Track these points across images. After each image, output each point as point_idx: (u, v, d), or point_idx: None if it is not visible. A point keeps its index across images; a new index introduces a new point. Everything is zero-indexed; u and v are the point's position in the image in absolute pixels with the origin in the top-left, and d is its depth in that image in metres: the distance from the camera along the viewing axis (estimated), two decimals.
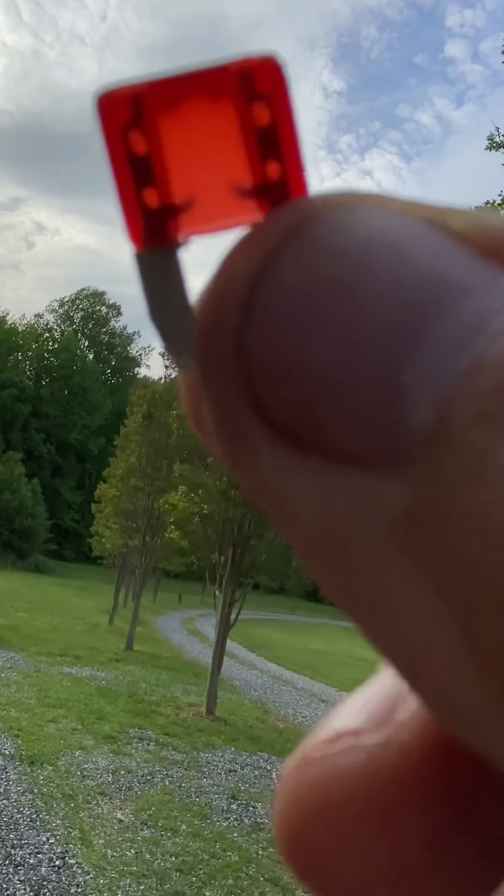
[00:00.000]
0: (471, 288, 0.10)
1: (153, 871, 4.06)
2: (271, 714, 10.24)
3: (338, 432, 0.10)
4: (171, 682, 11.24)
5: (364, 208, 0.11)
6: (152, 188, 0.13)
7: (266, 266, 0.11)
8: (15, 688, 8.37)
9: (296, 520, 0.11)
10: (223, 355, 0.11)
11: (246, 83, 0.12)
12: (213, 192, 0.13)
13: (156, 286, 0.13)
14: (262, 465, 0.11)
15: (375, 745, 0.13)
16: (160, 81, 0.12)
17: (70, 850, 4.14)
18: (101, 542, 20.08)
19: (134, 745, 6.74)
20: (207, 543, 9.71)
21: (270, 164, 0.12)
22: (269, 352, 0.11)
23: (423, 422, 0.10)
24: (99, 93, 0.13)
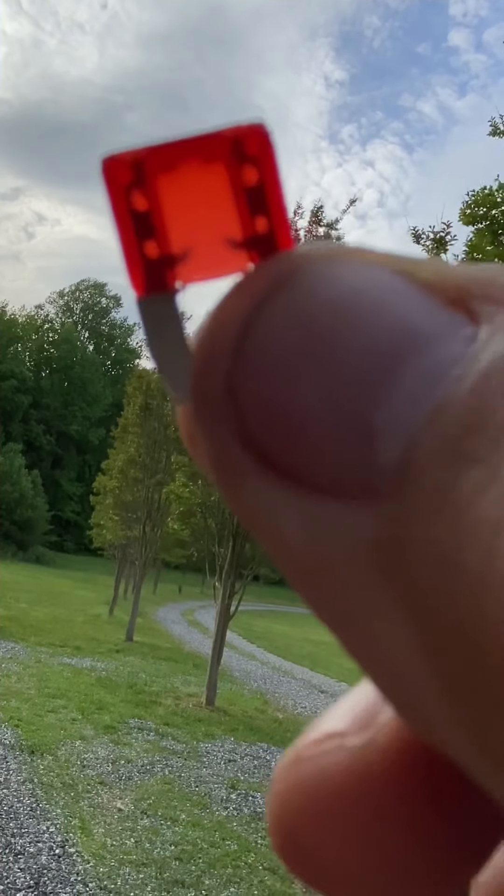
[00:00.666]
0: (436, 336, 0.11)
1: (153, 859, 4.08)
2: (271, 704, 10.29)
3: (318, 466, 0.11)
4: (171, 672, 11.29)
5: (344, 261, 0.12)
6: (153, 241, 0.14)
7: (254, 314, 0.12)
8: (15, 678, 8.40)
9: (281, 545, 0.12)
10: (215, 394, 0.12)
11: (236, 147, 0.14)
12: (207, 244, 0.14)
13: (156, 328, 0.14)
14: (250, 494, 0.12)
15: (357, 745, 0.14)
16: (159, 147, 0.14)
17: (70, 838, 4.16)
18: (101, 534, 20.10)
19: (134, 736, 6.77)
20: (208, 534, 9.71)
21: (259, 219, 0.14)
22: (256, 392, 0.12)
23: (391, 460, 0.11)
24: (104, 157, 0.14)
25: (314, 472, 0.11)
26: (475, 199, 6.69)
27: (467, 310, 0.12)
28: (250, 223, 0.14)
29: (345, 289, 0.12)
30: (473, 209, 6.71)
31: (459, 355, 0.11)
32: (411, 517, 0.11)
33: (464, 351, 0.11)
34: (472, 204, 6.71)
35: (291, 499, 0.11)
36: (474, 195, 6.69)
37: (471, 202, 6.66)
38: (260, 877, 4.15)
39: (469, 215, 6.71)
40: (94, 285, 75.62)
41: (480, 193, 6.68)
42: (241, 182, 0.14)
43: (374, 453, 0.11)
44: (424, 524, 0.10)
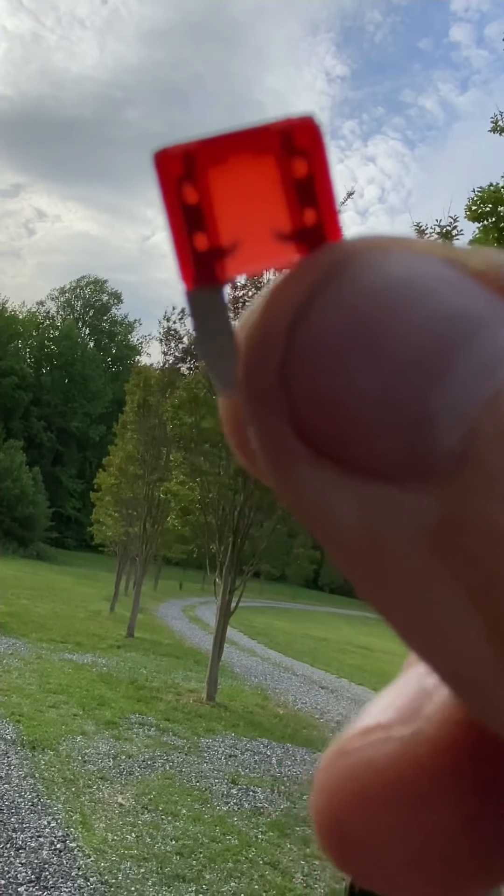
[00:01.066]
0: (490, 323, 0.12)
1: (153, 854, 4.09)
2: (271, 700, 10.30)
3: (375, 453, 0.12)
4: (172, 668, 11.30)
5: (393, 251, 0.13)
6: (202, 233, 0.14)
7: (306, 304, 0.12)
8: (16, 674, 8.41)
9: (338, 533, 0.12)
10: (268, 385, 0.12)
11: (286, 140, 0.14)
12: (256, 237, 0.14)
13: (204, 320, 0.14)
14: (305, 483, 0.12)
15: (405, 737, 0.14)
16: (210, 140, 0.14)
17: (71, 833, 4.17)
18: (101, 531, 20.11)
19: (135, 731, 6.79)
20: (208, 531, 9.72)
21: (308, 211, 0.14)
22: (311, 382, 0.12)
23: (451, 444, 0.11)
24: (155, 150, 0.14)
25: (370, 458, 0.12)
26: (481, 196, 6.67)
27: None
28: (299, 215, 0.14)
29: (396, 278, 0.12)
30: (479, 206, 6.70)
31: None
32: (472, 500, 0.11)
33: None
34: (478, 200, 6.69)
35: (347, 485, 0.12)
36: (481, 192, 6.67)
37: (477, 199, 6.64)
38: (260, 871, 4.16)
39: (475, 212, 6.69)
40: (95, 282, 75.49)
41: (487, 190, 6.66)
42: (290, 174, 0.14)
43: (433, 438, 0.11)
44: (485, 506, 0.11)
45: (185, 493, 9.63)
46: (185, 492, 9.64)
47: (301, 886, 4.08)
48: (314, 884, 4.17)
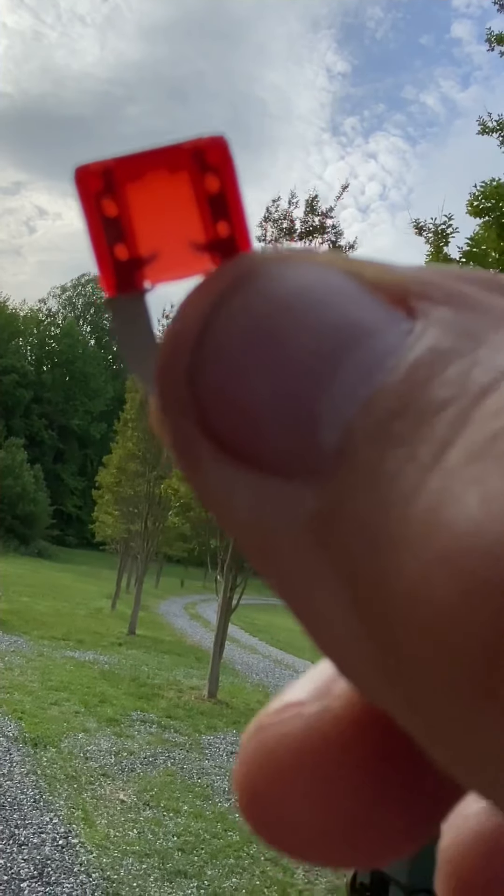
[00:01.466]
0: (375, 330, 0.13)
1: (155, 850, 4.11)
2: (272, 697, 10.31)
3: (267, 449, 0.13)
4: (174, 665, 11.33)
5: (294, 263, 0.14)
6: (122, 244, 0.15)
7: (212, 312, 0.13)
8: (18, 671, 8.44)
9: (234, 522, 0.13)
10: (177, 385, 0.13)
11: (198, 158, 0.15)
12: (173, 247, 0.15)
13: (126, 326, 0.15)
14: (208, 475, 0.13)
15: (314, 713, 0.15)
16: (128, 157, 0.15)
17: (73, 829, 4.19)
18: (102, 528, 20.13)
19: (136, 728, 6.81)
20: (209, 528, 9.73)
21: (220, 223, 0.15)
22: (214, 382, 0.13)
23: (330, 443, 0.12)
24: (76, 167, 0.15)
25: (263, 453, 0.13)
26: (483, 192, 6.66)
27: (407, 307, 0.13)
28: (213, 227, 0.15)
29: (293, 287, 0.13)
30: (481, 201, 6.69)
31: (396, 347, 0.12)
32: (345, 492, 0.12)
33: (400, 343, 0.12)
34: (480, 196, 6.68)
35: (243, 479, 0.13)
36: (483, 187, 6.66)
37: (478, 194, 6.63)
38: (262, 867, 4.18)
39: (476, 207, 6.68)
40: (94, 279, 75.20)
41: (489, 186, 6.65)
42: (203, 190, 0.15)
43: (315, 437, 0.12)
44: (355, 498, 0.12)
45: (185, 489, 9.64)
46: (185, 488, 9.65)
47: (302, 882, 4.10)
48: (315, 879, 4.19)
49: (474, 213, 6.75)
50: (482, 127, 6.70)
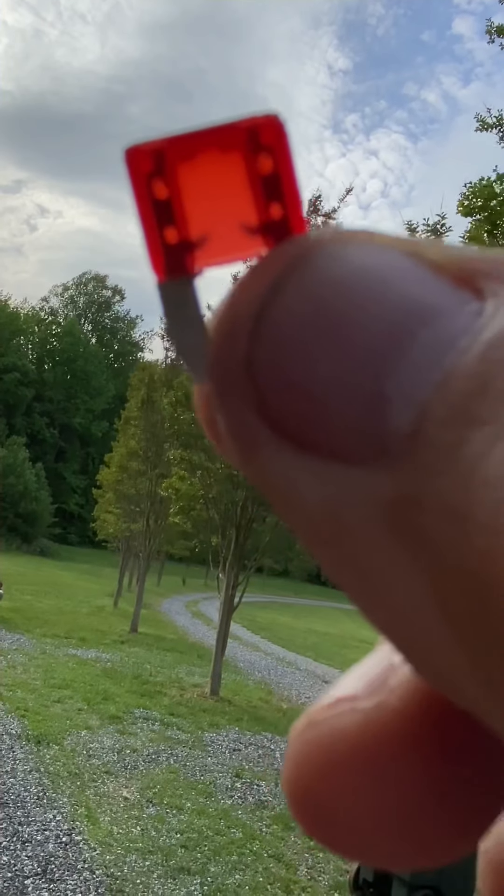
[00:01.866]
0: (444, 311, 0.12)
1: (158, 847, 4.12)
2: (275, 695, 10.33)
3: (334, 435, 0.12)
4: (176, 663, 11.34)
5: (354, 243, 0.13)
6: (172, 227, 0.15)
7: (270, 294, 0.13)
8: (21, 669, 8.46)
9: (300, 511, 0.13)
10: (235, 372, 0.13)
11: (252, 137, 0.15)
12: (225, 230, 0.15)
13: (175, 311, 0.15)
14: (269, 464, 0.13)
15: (369, 708, 0.15)
16: (179, 136, 0.15)
17: (77, 827, 4.20)
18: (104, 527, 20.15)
19: (139, 725, 6.82)
20: (210, 526, 9.73)
21: (273, 205, 0.15)
22: (274, 368, 0.13)
23: (404, 424, 0.12)
24: (126, 147, 0.15)
25: (330, 439, 0.12)
26: (473, 191, 6.64)
27: (473, 287, 0.12)
28: (265, 209, 0.15)
29: (354, 268, 0.13)
30: (471, 200, 6.67)
31: (466, 328, 0.12)
32: (423, 477, 0.11)
33: (470, 324, 0.12)
34: (470, 195, 6.67)
35: (308, 466, 0.12)
36: (472, 187, 6.64)
37: (469, 193, 6.61)
38: (265, 864, 4.19)
39: (467, 207, 6.66)
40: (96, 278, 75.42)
41: (478, 185, 6.64)
42: (256, 170, 0.15)
43: (386, 420, 0.12)
44: (435, 482, 0.11)
45: (186, 489, 9.65)
46: (186, 488, 9.66)
47: (305, 879, 4.11)
48: (318, 876, 4.20)
49: (465, 213, 6.73)
50: (481, 123, 6.68)
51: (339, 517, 0.12)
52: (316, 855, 4.50)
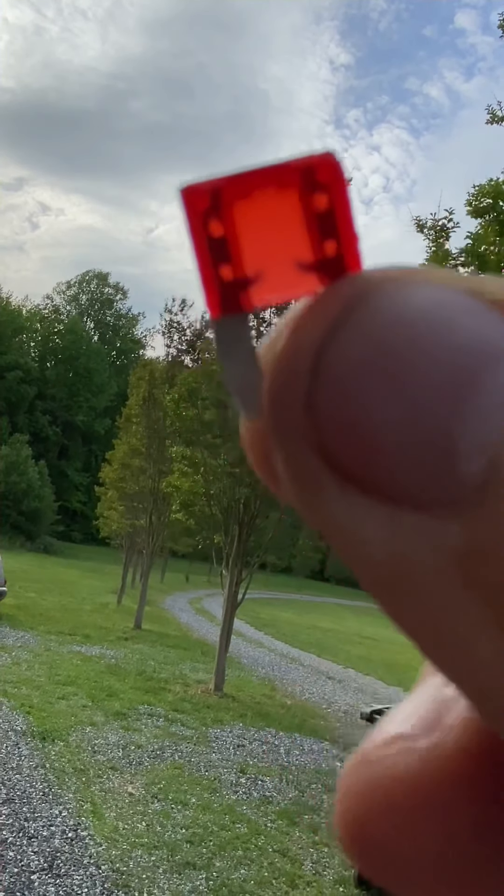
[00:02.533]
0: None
1: (164, 842, 4.13)
2: (279, 690, 10.35)
3: (400, 480, 0.12)
4: (180, 660, 11.37)
5: (412, 282, 0.13)
6: (227, 264, 0.15)
7: (330, 333, 0.13)
8: (25, 666, 8.48)
9: (365, 558, 0.12)
10: (295, 412, 0.13)
11: (308, 176, 0.15)
12: (280, 267, 0.15)
13: (229, 347, 0.15)
14: (332, 507, 0.12)
15: (426, 748, 0.14)
16: (236, 176, 0.15)
17: (82, 822, 4.21)
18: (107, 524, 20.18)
19: (143, 722, 6.84)
20: (213, 523, 9.74)
21: (328, 242, 0.15)
22: (337, 410, 0.12)
23: (474, 470, 0.11)
24: (182, 186, 0.15)
25: (396, 485, 0.12)
26: (480, 191, 6.61)
27: None
28: (320, 247, 0.15)
29: (417, 309, 0.12)
30: (480, 200, 6.63)
31: None
32: (494, 529, 0.11)
33: None
34: (478, 195, 6.63)
35: (373, 511, 0.12)
36: (479, 187, 6.60)
37: (476, 193, 6.58)
38: (270, 859, 4.20)
39: (476, 207, 6.62)
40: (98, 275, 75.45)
41: (486, 185, 6.60)
42: (312, 208, 0.15)
43: (456, 466, 0.11)
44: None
45: (188, 486, 9.65)
46: (188, 485, 9.67)
47: (310, 874, 4.12)
48: (323, 871, 4.21)
49: (474, 214, 6.69)
50: (492, 116, 6.64)
51: (407, 565, 0.12)
52: (321, 849, 4.52)
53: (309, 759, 6.75)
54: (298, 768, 6.33)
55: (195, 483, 9.62)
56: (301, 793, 5.61)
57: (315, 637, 20.47)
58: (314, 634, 21.35)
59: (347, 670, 14.53)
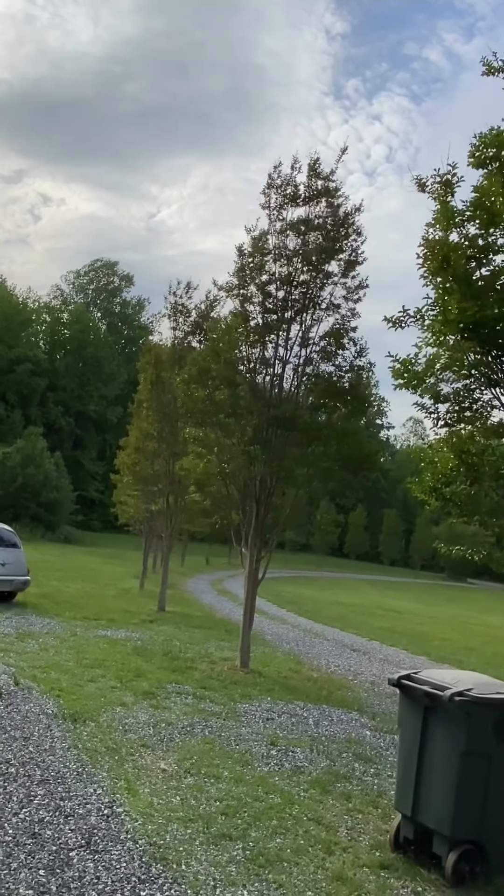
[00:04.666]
0: None
1: (199, 815, 4.17)
2: (304, 665, 10.40)
3: None
4: (204, 639, 11.44)
5: None
6: None
7: None
8: (53, 651, 8.57)
9: None
10: None
11: None
12: None
13: None
14: None
15: None
16: None
17: (117, 799, 4.25)
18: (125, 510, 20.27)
19: (172, 700, 6.89)
20: (230, 502, 9.72)
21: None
22: None
23: None
24: None
25: None
26: (483, 141, 6.41)
27: None
28: None
29: None
30: (483, 151, 6.44)
31: None
32: None
33: None
34: (481, 145, 6.44)
35: None
36: (482, 137, 6.41)
37: (479, 143, 6.39)
38: (305, 827, 4.22)
39: (479, 157, 6.44)
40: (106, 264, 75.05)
41: (489, 134, 6.40)
42: None
43: None
44: None
45: (203, 466, 9.63)
46: (202, 466, 9.64)
47: (346, 840, 4.14)
48: (359, 837, 4.22)
49: (476, 165, 6.50)
50: (487, 67, 6.43)
51: None
52: (355, 816, 4.53)
53: (338, 728, 6.77)
54: (328, 738, 6.36)
55: (209, 463, 9.59)
56: (332, 762, 5.63)
57: (338, 612, 20.53)
58: (337, 609, 21.43)
59: (372, 642, 14.57)
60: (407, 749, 4.09)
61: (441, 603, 33.16)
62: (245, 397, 9.05)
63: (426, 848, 3.96)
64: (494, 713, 3.79)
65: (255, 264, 9.03)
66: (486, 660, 13.79)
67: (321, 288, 9.00)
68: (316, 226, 8.89)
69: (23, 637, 9.29)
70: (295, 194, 9.03)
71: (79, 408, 61.44)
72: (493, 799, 3.82)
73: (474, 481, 6.91)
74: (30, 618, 11.10)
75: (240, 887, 3.38)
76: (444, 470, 7.12)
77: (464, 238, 6.40)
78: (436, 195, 6.51)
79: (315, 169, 9.04)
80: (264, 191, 9.21)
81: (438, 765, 3.87)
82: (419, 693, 3.97)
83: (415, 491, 7.75)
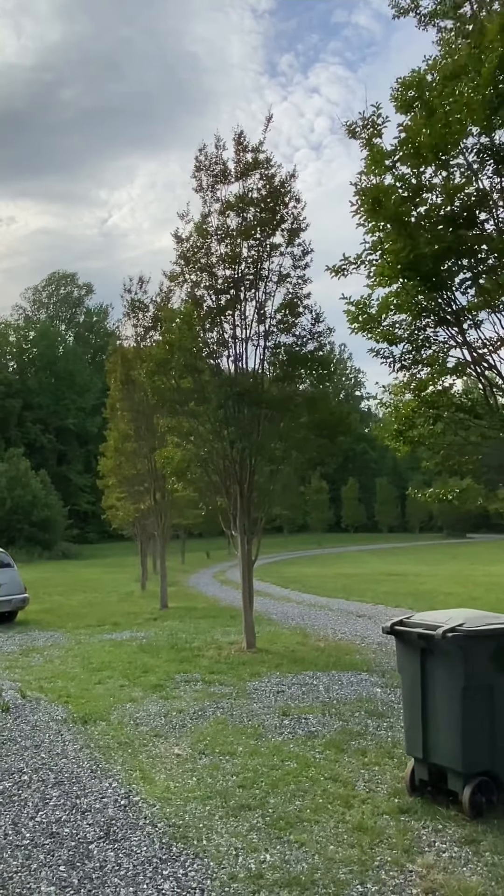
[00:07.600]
0: None
1: (216, 791, 4.17)
2: (311, 636, 10.44)
3: None
4: (210, 627, 11.45)
5: None
6: None
7: None
8: (59, 661, 8.54)
9: None
10: None
11: None
12: None
13: None
14: None
15: None
16: None
17: (133, 789, 4.25)
18: (115, 514, 20.20)
19: (181, 688, 6.90)
20: (212, 487, 9.69)
21: None
22: None
23: None
24: None
25: None
26: (405, 84, 6.37)
27: None
28: None
29: None
30: (405, 94, 6.40)
31: None
32: None
33: None
34: (403, 88, 6.40)
35: None
36: (402, 80, 6.37)
37: (401, 86, 6.35)
38: (322, 787, 4.24)
39: (403, 101, 6.39)
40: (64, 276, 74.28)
41: (410, 77, 6.36)
42: None
43: None
44: None
45: (180, 455, 9.59)
46: (180, 454, 9.60)
47: (364, 792, 4.16)
48: (376, 788, 4.25)
49: (402, 109, 6.46)
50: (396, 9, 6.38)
51: None
52: (371, 769, 4.56)
53: (349, 691, 6.81)
54: (339, 701, 6.39)
55: (187, 451, 9.55)
56: (345, 722, 5.66)
57: (341, 583, 20.63)
58: (340, 581, 21.53)
59: (377, 606, 14.66)
60: (409, 693, 4.11)
61: (443, 561, 33.47)
62: (209, 382, 9.00)
63: (442, 787, 3.99)
64: (490, 644, 3.82)
65: (196, 247, 8.96)
66: (490, 606, 13.93)
67: (268, 260, 8.95)
68: (252, 200, 8.81)
69: (27, 652, 9.25)
70: (224, 171, 8.95)
71: (57, 423, 60.98)
72: (501, 728, 3.85)
73: (436, 420, 6.97)
74: (33, 633, 11.05)
75: (262, 852, 3.39)
76: (406, 413, 7.16)
77: (396, 179, 6.38)
78: (365, 139, 6.47)
79: (241, 143, 8.95)
80: (194, 174, 9.13)
81: (442, 703, 3.89)
82: (413, 636, 3.99)
83: (380, 437, 7.84)
